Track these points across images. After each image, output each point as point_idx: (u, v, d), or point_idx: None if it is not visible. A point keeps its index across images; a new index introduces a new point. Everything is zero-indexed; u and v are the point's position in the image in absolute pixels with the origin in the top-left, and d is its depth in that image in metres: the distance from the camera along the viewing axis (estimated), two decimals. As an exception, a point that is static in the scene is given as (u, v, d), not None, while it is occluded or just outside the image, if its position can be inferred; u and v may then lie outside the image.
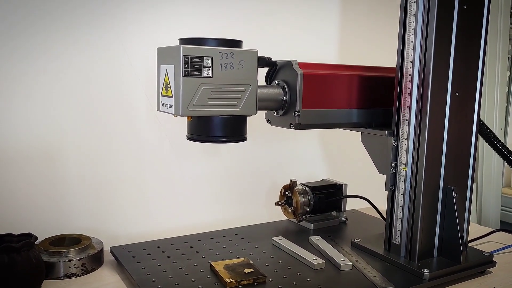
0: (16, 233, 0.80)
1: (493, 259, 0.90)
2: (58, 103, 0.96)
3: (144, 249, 0.92)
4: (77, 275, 0.83)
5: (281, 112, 0.87)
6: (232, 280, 0.78)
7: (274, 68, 0.87)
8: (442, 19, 0.80)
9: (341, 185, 1.13)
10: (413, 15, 0.82)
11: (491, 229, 1.09)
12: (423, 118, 0.83)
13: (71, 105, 0.97)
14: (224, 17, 1.12)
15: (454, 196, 0.86)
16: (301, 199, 1.07)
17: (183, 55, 0.70)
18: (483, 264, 0.89)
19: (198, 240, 0.98)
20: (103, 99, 1.00)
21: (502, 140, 1.04)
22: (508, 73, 2.39)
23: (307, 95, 0.83)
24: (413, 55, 0.83)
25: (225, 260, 0.87)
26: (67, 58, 0.95)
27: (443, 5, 0.80)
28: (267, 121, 0.92)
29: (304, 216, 1.09)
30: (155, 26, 1.03)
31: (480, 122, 0.90)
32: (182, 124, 0.85)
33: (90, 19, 0.97)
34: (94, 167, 1.01)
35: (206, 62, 0.72)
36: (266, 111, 0.91)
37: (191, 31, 1.04)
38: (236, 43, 0.77)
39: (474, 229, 1.08)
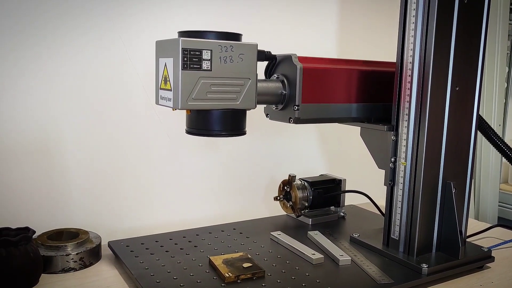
0: (13, 227, 0.80)
1: (491, 255, 0.90)
2: (56, 97, 0.95)
3: (142, 244, 0.91)
4: (75, 269, 0.83)
5: (280, 106, 0.86)
6: (231, 275, 0.77)
7: (273, 62, 0.86)
8: (442, 13, 0.80)
9: (340, 180, 1.13)
10: (414, 9, 0.82)
11: (489, 225, 1.09)
12: (422, 113, 0.83)
13: (69, 100, 0.97)
14: (224, 11, 1.12)
15: (453, 191, 0.86)
16: (299, 194, 1.07)
17: (182, 48, 0.70)
18: (482, 259, 0.89)
19: (197, 235, 0.98)
20: (102, 93, 1.00)
21: (501, 136, 1.04)
22: (507, 69, 2.39)
23: (307, 89, 0.83)
24: (413, 50, 0.83)
25: (223, 254, 0.86)
26: (65, 52, 0.95)
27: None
28: (266, 115, 0.91)
29: (302, 211, 1.09)
30: (154, 19, 1.03)
31: (479, 118, 0.90)
32: (180, 118, 0.84)
33: (88, 13, 0.96)
34: (92, 162, 1.01)
35: (206, 55, 0.72)
36: (265, 106, 0.90)
37: (190, 24, 1.04)
38: (236, 36, 0.76)
39: (472, 225, 1.08)
